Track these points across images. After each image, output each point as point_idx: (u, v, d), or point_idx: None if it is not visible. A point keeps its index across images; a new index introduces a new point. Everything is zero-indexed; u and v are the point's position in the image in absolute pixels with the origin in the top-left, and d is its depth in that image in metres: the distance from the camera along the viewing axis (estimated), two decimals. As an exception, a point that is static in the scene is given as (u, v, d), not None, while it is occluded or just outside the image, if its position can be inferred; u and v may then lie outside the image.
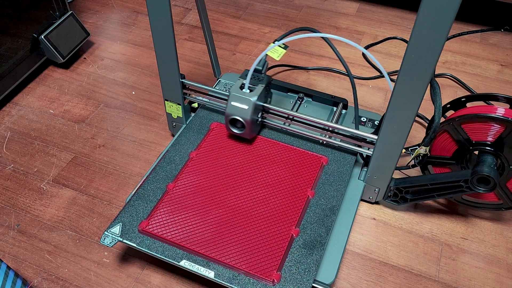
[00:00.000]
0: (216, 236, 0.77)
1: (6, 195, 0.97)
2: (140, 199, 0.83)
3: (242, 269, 0.73)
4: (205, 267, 0.73)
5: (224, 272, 0.73)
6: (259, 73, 0.90)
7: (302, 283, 0.71)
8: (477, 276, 0.85)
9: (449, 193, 0.84)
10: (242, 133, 0.89)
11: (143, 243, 0.76)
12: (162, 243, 0.76)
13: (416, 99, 0.71)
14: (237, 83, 0.88)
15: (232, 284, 0.71)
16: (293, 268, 0.74)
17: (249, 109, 0.85)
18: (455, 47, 1.39)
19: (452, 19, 0.60)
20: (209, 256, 0.75)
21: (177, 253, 0.75)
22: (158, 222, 0.79)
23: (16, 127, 1.12)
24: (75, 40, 1.28)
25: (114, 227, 0.78)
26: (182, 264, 0.74)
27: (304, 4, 1.57)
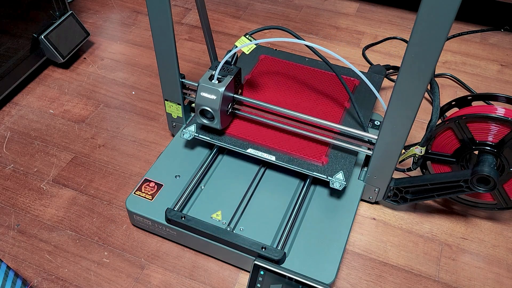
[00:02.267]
0: (274, 132, 0.93)
1: (6, 195, 0.97)
2: None
3: (297, 154, 0.88)
4: (267, 153, 0.88)
5: (283, 157, 0.88)
6: (229, 64, 0.91)
7: (345, 165, 0.87)
8: (477, 276, 0.85)
9: (449, 193, 0.84)
10: (212, 123, 0.89)
11: (215, 137, 0.91)
12: (231, 138, 0.91)
13: (416, 99, 0.71)
14: (206, 74, 0.88)
15: (291, 164, 0.86)
16: (338, 155, 0.89)
17: (218, 99, 0.85)
18: (455, 47, 1.39)
19: (452, 19, 0.60)
20: (270, 146, 0.90)
21: (244, 144, 0.90)
22: (226, 122, 0.91)
23: (16, 127, 1.12)
24: (75, 40, 1.28)
25: (190, 126, 0.93)
26: (248, 151, 0.89)
27: (304, 4, 1.57)
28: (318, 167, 0.86)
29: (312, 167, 0.86)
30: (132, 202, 0.87)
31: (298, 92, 1.01)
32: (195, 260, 0.86)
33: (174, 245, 0.88)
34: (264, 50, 1.14)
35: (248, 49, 0.86)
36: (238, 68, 0.91)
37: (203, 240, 0.82)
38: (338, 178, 0.84)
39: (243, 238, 0.80)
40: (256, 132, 0.92)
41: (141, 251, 0.87)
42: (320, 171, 0.85)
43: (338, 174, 0.85)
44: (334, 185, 0.84)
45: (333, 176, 0.84)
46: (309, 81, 1.05)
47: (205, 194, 0.89)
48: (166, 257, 0.86)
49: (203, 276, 0.83)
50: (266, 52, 1.13)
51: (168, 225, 0.84)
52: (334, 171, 0.86)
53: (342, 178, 0.84)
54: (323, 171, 0.86)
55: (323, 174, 0.85)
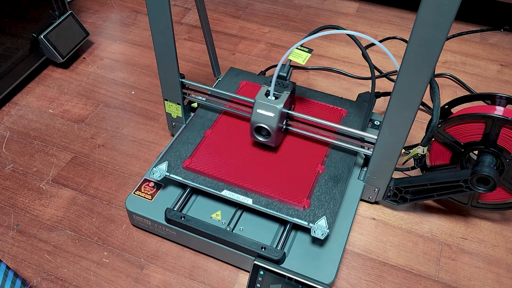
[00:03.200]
0: (252, 171, 0.87)
1: (6, 195, 0.97)
2: (181, 143, 0.92)
3: (276, 197, 0.83)
4: (244, 196, 0.83)
5: (261, 199, 0.82)
6: (284, 79, 0.88)
7: (329, 208, 0.81)
8: (477, 276, 0.85)
9: (449, 193, 0.84)
10: (267, 141, 0.87)
11: (188, 177, 0.85)
12: (204, 177, 0.85)
13: (416, 99, 0.71)
14: (261, 90, 0.86)
15: (268, 209, 0.80)
16: (321, 196, 0.83)
17: (275, 117, 0.83)
18: (454, 47, 1.39)
19: (452, 19, 0.60)
20: (247, 187, 0.84)
21: (218, 185, 0.84)
22: (200, 160, 0.89)
23: (15, 127, 1.12)
24: (74, 39, 1.28)
25: (161, 164, 0.87)
26: (223, 194, 0.83)
27: (303, 4, 1.57)
28: (298, 211, 0.80)
29: (292, 212, 0.80)
30: (132, 202, 0.87)
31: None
32: (195, 260, 0.86)
33: (173, 245, 0.88)
34: (245, 76, 1.09)
35: (303, 60, 0.82)
36: (294, 83, 0.89)
37: (202, 240, 0.82)
38: (320, 225, 0.78)
39: (243, 238, 0.80)
40: (233, 171, 0.87)
41: (141, 251, 0.87)
42: (300, 217, 0.79)
43: (320, 220, 0.78)
44: (316, 233, 0.77)
45: (315, 223, 0.78)
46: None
47: (205, 194, 0.89)
48: (166, 257, 0.86)
49: (203, 276, 0.83)
50: (247, 78, 1.08)
51: (168, 225, 0.84)
52: (316, 216, 0.79)
53: (325, 225, 0.78)
54: (304, 216, 0.79)
55: (303, 219, 0.79)
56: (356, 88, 1.23)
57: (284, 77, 0.88)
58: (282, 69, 0.89)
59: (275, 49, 1.37)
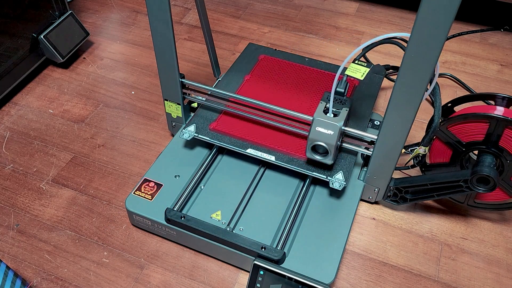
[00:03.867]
0: (274, 133, 0.92)
1: (6, 195, 0.97)
2: (207, 108, 0.98)
3: (297, 154, 0.88)
4: (267, 153, 0.88)
5: (282, 157, 0.88)
6: (341, 95, 0.86)
7: (345, 165, 0.87)
8: (477, 276, 0.85)
9: (449, 193, 0.84)
10: (323, 159, 0.85)
11: (215, 137, 0.91)
12: (230, 138, 0.91)
13: (416, 99, 0.71)
14: (320, 106, 0.84)
15: (290, 165, 0.86)
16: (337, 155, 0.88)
17: (335, 135, 0.81)
18: (454, 47, 1.39)
19: (452, 19, 0.60)
20: (270, 146, 0.90)
21: (243, 144, 0.90)
22: (225, 122, 0.94)
23: (15, 127, 1.12)
24: (74, 39, 1.28)
25: (190, 126, 0.93)
26: (248, 151, 0.88)
27: (303, 4, 1.57)
28: (318, 167, 0.86)
29: (312, 167, 0.86)
30: (132, 202, 0.87)
31: (297, 92, 1.01)
32: (195, 260, 0.86)
33: (173, 245, 0.88)
34: (264, 50, 1.14)
35: (362, 75, 0.79)
36: (352, 100, 0.87)
37: (202, 240, 0.82)
38: (337, 178, 0.84)
39: (243, 238, 0.80)
40: (256, 132, 0.92)
41: (141, 251, 0.87)
42: (319, 171, 0.86)
43: (338, 174, 0.85)
44: (334, 185, 0.84)
45: (333, 176, 0.85)
46: (309, 81, 1.05)
47: (204, 194, 0.89)
48: (166, 257, 0.86)
49: (203, 276, 0.83)
50: (265, 52, 1.13)
51: (168, 225, 0.84)
52: (334, 171, 0.86)
53: (342, 178, 0.84)
54: (323, 171, 0.86)
55: (322, 174, 0.85)
56: (356, 88, 1.23)
57: (341, 93, 0.86)
58: (340, 84, 0.86)
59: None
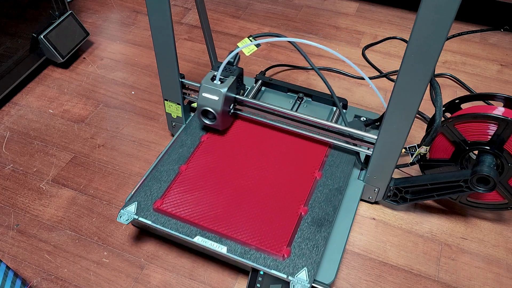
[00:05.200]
0: (228, 214, 0.80)
1: (6, 195, 0.97)
2: (154, 180, 0.86)
3: (253, 245, 0.76)
4: (218, 243, 0.76)
5: (236, 247, 0.76)
6: (231, 65, 0.91)
7: (311, 258, 0.74)
8: (477, 276, 0.85)
9: (449, 193, 0.84)
10: (213, 124, 0.90)
11: (158, 221, 0.79)
12: (176, 221, 0.79)
13: (416, 99, 0.71)
14: (208, 75, 0.89)
15: (244, 259, 0.74)
16: (302, 244, 0.76)
17: (220, 100, 0.86)
18: (454, 47, 1.39)
19: (452, 19, 0.60)
20: (222, 233, 0.78)
21: (191, 230, 0.78)
22: (172, 201, 0.82)
23: (15, 127, 1.12)
24: (74, 39, 1.28)
25: (129, 206, 0.81)
26: (195, 241, 0.77)
27: (303, 4, 1.57)
28: (277, 261, 0.74)
29: (270, 262, 0.73)
30: (132, 202, 0.87)
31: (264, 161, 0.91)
32: (195, 260, 0.86)
33: (173, 245, 0.88)
34: None
35: (248, 51, 0.86)
36: (240, 69, 0.91)
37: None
38: (300, 279, 0.71)
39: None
40: (207, 214, 0.80)
41: (141, 251, 0.87)
42: (279, 268, 0.73)
43: (301, 272, 0.72)
44: (295, 287, 0.71)
45: (295, 276, 0.72)
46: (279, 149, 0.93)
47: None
48: (166, 257, 0.86)
49: (203, 276, 0.83)
50: None
51: (168, 225, 0.83)
52: (297, 268, 0.73)
53: (306, 278, 0.71)
54: (283, 267, 0.73)
55: (282, 272, 0.72)
56: (356, 88, 1.23)
57: (231, 63, 0.91)
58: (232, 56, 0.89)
59: (274, 49, 1.37)
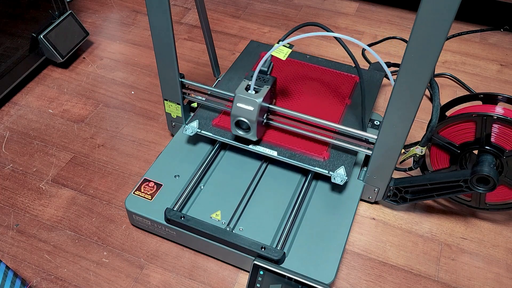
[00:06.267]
0: (278, 130, 0.92)
1: (5, 195, 0.97)
2: (207, 108, 0.97)
3: (299, 150, 0.89)
4: (269, 149, 0.89)
5: (285, 152, 0.89)
6: (265, 74, 0.90)
7: (347, 160, 0.88)
8: (477, 276, 0.85)
9: (449, 193, 0.84)
10: (247, 134, 0.88)
11: (218, 133, 0.92)
12: (232, 134, 0.90)
13: (416, 99, 0.71)
14: (242, 84, 0.87)
15: (292, 159, 0.87)
16: (339, 150, 0.90)
17: (255, 111, 0.84)
18: (454, 47, 1.39)
19: (452, 19, 0.60)
20: (272, 142, 0.90)
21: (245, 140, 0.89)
22: (228, 119, 0.93)
23: (15, 127, 1.12)
24: (74, 39, 1.28)
25: (193, 122, 0.94)
26: (250, 147, 0.89)
27: (303, 4, 1.56)
28: (319, 162, 0.87)
29: (314, 162, 0.87)
30: (132, 202, 0.87)
31: (299, 90, 1.01)
32: (195, 260, 0.86)
33: (173, 245, 0.88)
34: (265, 48, 1.14)
35: (284, 55, 0.84)
36: (274, 78, 0.90)
37: (202, 240, 0.82)
38: (339, 173, 0.85)
39: (243, 238, 0.80)
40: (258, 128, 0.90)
41: (141, 251, 0.87)
42: (321, 166, 0.86)
43: (340, 169, 0.86)
44: (336, 179, 0.84)
45: (335, 171, 0.85)
46: (311, 78, 1.05)
47: (204, 194, 0.89)
48: (166, 257, 0.86)
49: (203, 276, 0.83)
50: (267, 49, 1.12)
51: (168, 225, 0.84)
52: (336, 166, 0.86)
53: (344, 173, 0.85)
54: (325, 166, 0.87)
55: (324, 168, 0.86)
56: (356, 88, 1.23)
57: (265, 72, 0.90)
58: (264, 64, 0.89)
59: (275, 49, 1.37)
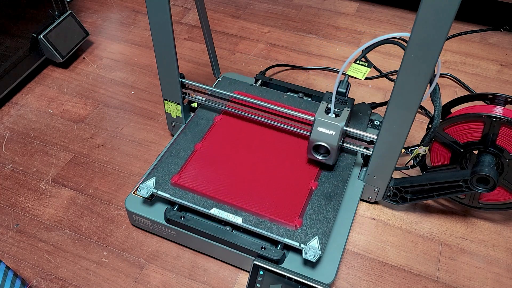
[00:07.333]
0: (242, 188, 0.84)
1: (5, 195, 0.97)
2: (171, 156, 0.89)
3: (267, 216, 0.80)
4: (234, 214, 0.80)
5: (251, 218, 0.80)
6: (343, 95, 0.86)
7: (322, 228, 0.78)
8: (477, 276, 0.85)
9: (449, 193, 0.84)
10: (325, 159, 0.84)
11: (176, 194, 0.83)
12: (193, 194, 0.83)
13: (416, 99, 0.71)
14: (321, 107, 0.83)
15: (258, 229, 0.78)
16: (313, 215, 0.80)
17: (337, 135, 0.81)
18: (454, 47, 1.39)
19: (452, 19, 0.60)
20: (237, 205, 0.81)
21: (207, 203, 0.82)
22: (189, 176, 0.86)
23: (15, 127, 1.12)
24: (74, 39, 1.28)
25: (148, 180, 0.85)
26: (212, 212, 0.80)
27: (303, 4, 1.56)
28: (290, 231, 0.78)
29: (283, 232, 0.78)
30: (132, 202, 0.87)
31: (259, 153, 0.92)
32: (195, 260, 0.86)
33: (173, 245, 0.88)
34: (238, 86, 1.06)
35: (362, 74, 0.79)
36: (353, 100, 0.86)
37: (202, 240, 0.82)
38: (312, 247, 0.75)
39: (243, 238, 0.80)
40: (223, 187, 0.84)
41: (141, 251, 0.87)
42: (292, 237, 0.77)
43: (313, 241, 0.76)
44: (307, 255, 0.74)
45: (307, 244, 0.76)
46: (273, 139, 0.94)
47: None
48: (166, 257, 0.86)
49: (203, 276, 0.83)
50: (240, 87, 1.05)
51: (168, 225, 0.84)
52: (308, 236, 0.77)
53: (317, 246, 0.75)
54: (296, 236, 0.77)
55: (295, 240, 0.76)
56: (356, 88, 1.23)
57: (343, 93, 0.86)
58: (341, 84, 0.86)
59: (275, 49, 1.37)
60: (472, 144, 0.82)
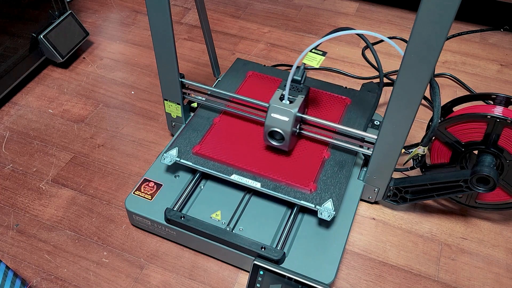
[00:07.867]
0: (260, 157, 0.89)
1: (5, 195, 0.97)
2: (191, 129, 0.94)
3: (284, 181, 0.84)
4: (253, 180, 0.84)
5: (269, 183, 0.84)
6: (298, 83, 0.88)
7: (335, 192, 0.83)
8: (477, 276, 0.85)
9: (449, 193, 0.84)
10: (280, 145, 0.86)
11: (197, 162, 0.87)
12: (214, 163, 0.87)
13: (416, 99, 0.71)
14: (276, 94, 0.85)
15: (276, 192, 0.83)
16: (327, 181, 0.85)
17: (290, 121, 0.82)
18: (454, 47, 1.39)
19: (452, 19, 0.60)
20: (256, 172, 0.86)
21: (228, 170, 0.86)
22: (209, 146, 0.90)
23: (15, 127, 1.12)
24: (74, 39, 1.28)
25: (172, 150, 0.89)
26: (232, 178, 0.85)
27: (303, 4, 1.56)
28: (305, 194, 0.82)
29: (299, 195, 0.82)
30: (132, 202, 0.87)
31: None
32: (195, 260, 0.86)
33: (173, 245, 0.88)
34: (252, 66, 1.11)
35: (317, 63, 0.81)
36: (308, 88, 0.89)
37: (202, 240, 0.82)
38: (326, 208, 0.80)
39: (243, 238, 0.80)
40: (242, 157, 0.88)
41: (141, 251, 0.87)
42: (307, 199, 0.81)
43: (327, 202, 0.81)
44: (322, 215, 0.79)
45: (322, 205, 0.81)
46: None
47: (204, 194, 0.89)
48: (166, 257, 0.86)
49: (203, 276, 0.83)
50: (254, 68, 1.10)
51: (168, 225, 0.84)
52: (323, 199, 0.82)
53: (331, 207, 0.80)
54: (311, 199, 0.82)
55: (310, 202, 0.81)
56: (356, 88, 1.23)
57: (298, 81, 0.87)
58: (297, 72, 0.88)
59: (275, 49, 1.37)
60: (473, 144, 0.82)
